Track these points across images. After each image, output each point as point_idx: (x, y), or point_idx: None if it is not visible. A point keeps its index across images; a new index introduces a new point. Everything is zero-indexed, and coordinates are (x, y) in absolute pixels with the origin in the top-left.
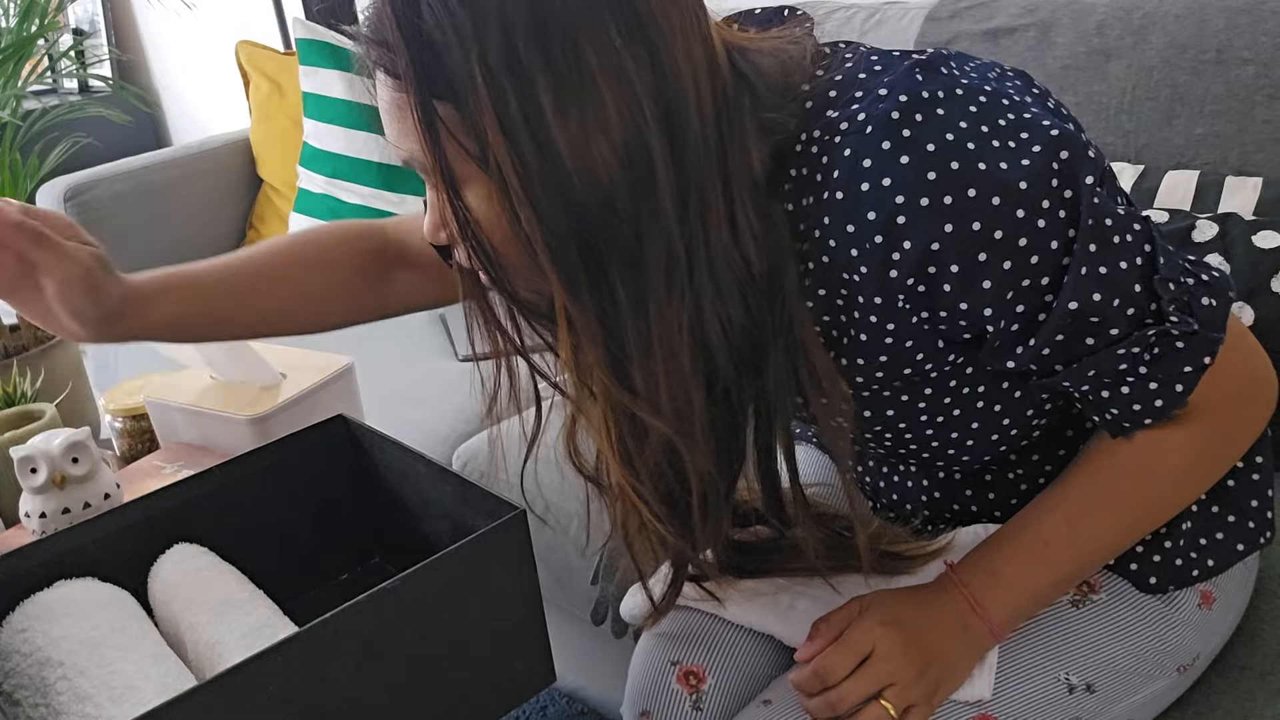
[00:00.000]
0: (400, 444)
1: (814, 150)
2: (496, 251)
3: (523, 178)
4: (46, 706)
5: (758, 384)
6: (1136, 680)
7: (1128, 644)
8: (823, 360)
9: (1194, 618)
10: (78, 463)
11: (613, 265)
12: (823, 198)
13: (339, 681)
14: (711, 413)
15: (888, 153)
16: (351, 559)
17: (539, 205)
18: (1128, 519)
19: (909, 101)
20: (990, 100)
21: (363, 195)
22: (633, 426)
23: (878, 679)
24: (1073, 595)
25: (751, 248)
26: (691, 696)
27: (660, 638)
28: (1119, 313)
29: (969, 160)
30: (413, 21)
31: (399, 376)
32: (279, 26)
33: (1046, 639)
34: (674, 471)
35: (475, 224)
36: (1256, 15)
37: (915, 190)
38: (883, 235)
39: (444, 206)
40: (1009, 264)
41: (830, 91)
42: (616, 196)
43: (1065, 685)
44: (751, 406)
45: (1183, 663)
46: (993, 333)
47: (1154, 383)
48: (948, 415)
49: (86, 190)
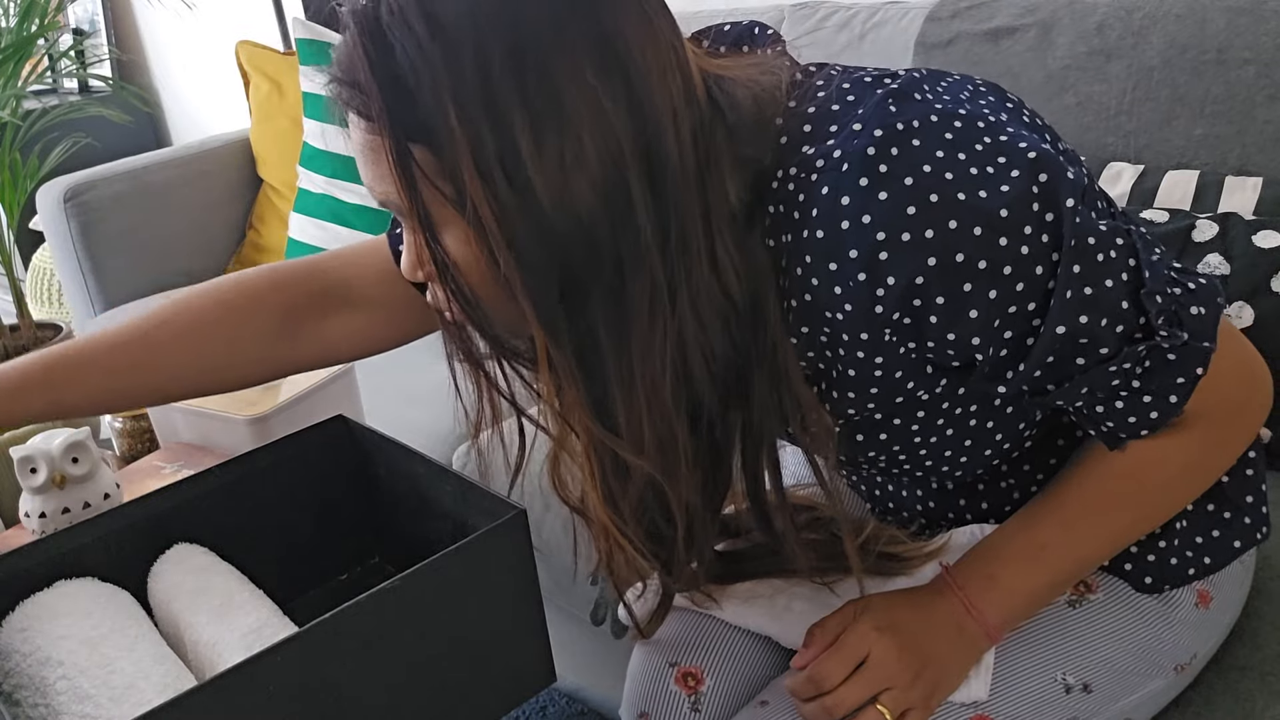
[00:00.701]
0: (400, 444)
1: (790, 188)
2: (475, 294)
3: (500, 220)
4: (46, 706)
5: (743, 413)
6: (1134, 680)
7: (1125, 643)
8: (806, 394)
9: (1191, 616)
10: (78, 463)
11: (594, 304)
12: (802, 236)
13: (339, 681)
14: (696, 445)
15: (865, 189)
16: (351, 559)
17: (517, 246)
18: (1123, 522)
19: (884, 135)
20: (965, 125)
21: (362, 195)
22: (616, 464)
23: (873, 683)
24: (1069, 595)
25: (733, 279)
26: (690, 698)
27: (659, 639)
28: (1108, 331)
29: (948, 191)
30: (385, 62)
31: (399, 376)
32: (279, 27)
33: (1043, 639)
34: (659, 506)
35: (454, 266)
36: (1257, 15)
37: (896, 226)
38: (866, 272)
39: (421, 248)
40: (994, 292)
41: (805, 126)
42: (596, 233)
43: (1062, 685)
44: (738, 434)
45: (1180, 662)
46: (982, 360)
47: (1148, 395)
48: (940, 435)
49: (86, 190)
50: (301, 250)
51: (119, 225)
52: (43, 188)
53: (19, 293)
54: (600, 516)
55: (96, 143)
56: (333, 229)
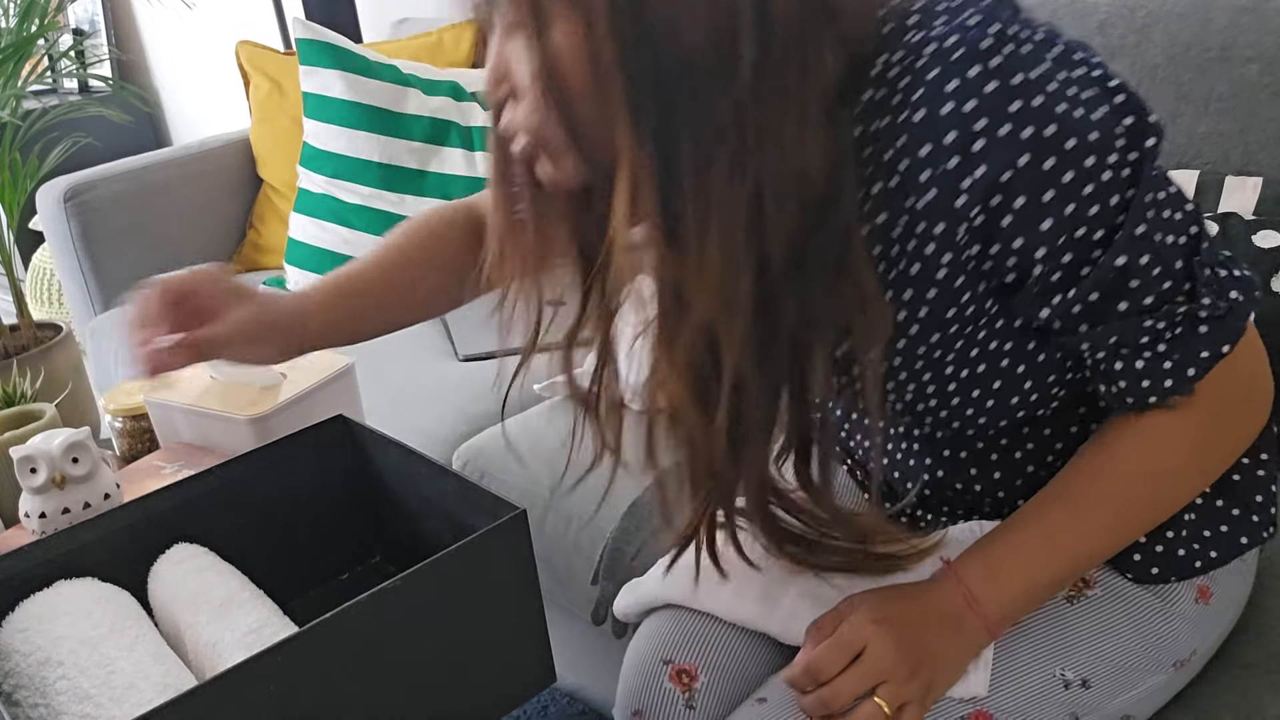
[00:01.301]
0: (400, 444)
1: (892, 73)
2: (568, 99)
3: (612, 17)
4: (46, 706)
5: (803, 289)
6: (1133, 675)
7: (1124, 639)
8: (869, 279)
9: (1190, 612)
10: (78, 463)
11: (683, 125)
12: (899, 119)
13: (339, 681)
14: (753, 309)
15: (974, 78)
16: (351, 559)
17: (624, 46)
18: (1130, 512)
19: (999, 32)
20: (1069, 50)
21: (363, 195)
22: (675, 303)
23: (870, 676)
24: (1067, 591)
25: (816, 149)
26: (684, 695)
27: (652, 637)
28: (1156, 282)
29: (1050, 100)
30: None
31: (399, 376)
32: (279, 26)
33: (1042, 634)
34: (712, 364)
35: (554, 66)
36: (1260, 14)
37: (997, 118)
38: (959, 157)
39: (506, 62)
40: (1071, 208)
41: (909, 18)
42: (699, 55)
43: (1061, 681)
44: (795, 311)
45: (1180, 658)
46: (1036, 277)
47: (1169, 361)
48: (972, 371)
49: (86, 190)
50: (302, 250)
51: (119, 225)
52: (43, 188)
53: (19, 292)
54: (656, 354)
55: (96, 143)
56: (333, 229)
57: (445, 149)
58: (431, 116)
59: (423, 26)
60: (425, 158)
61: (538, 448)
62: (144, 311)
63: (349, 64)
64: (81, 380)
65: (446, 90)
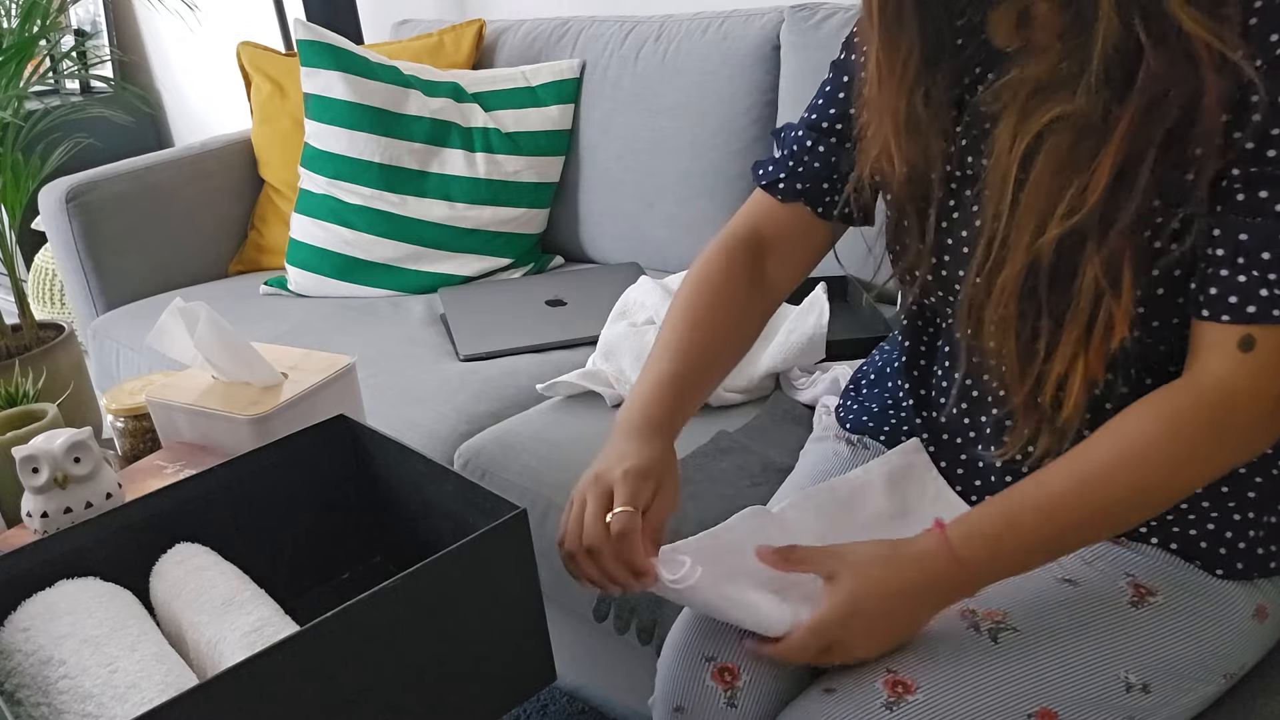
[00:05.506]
0: (400, 444)
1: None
2: None
3: None
4: (48, 705)
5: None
6: (1188, 683)
7: (1185, 647)
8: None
9: (1245, 626)
10: (79, 462)
11: None
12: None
13: (340, 680)
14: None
15: None
16: (351, 559)
17: None
18: (1136, 489)
19: None
20: None
21: (364, 196)
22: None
23: (835, 660)
24: (1131, 596)
25: None
26: (726, 694)
27: (694, 632)
28: None
29: None
30: None
31: (399, 376)
32: (280, 28)
33: (1110, 636)
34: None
35: None
36: None
37: None
38: None
39: None
40: None
41: None
42: None
43: (1124, 684)
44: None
45: (1229, 670)
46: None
47: (1269, 289)
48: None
49: (88, 191)
50: (304, 251)
51: (121, 226)
52: (45, 188)
53: (21, 293)
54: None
55: (98, 143)
56: (334, 229)
57: (446, 150)
58: (432, 118)
59: (424, 28)
60: (426, 159)
61: (540, 447)
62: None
63: (350, 65)
64: (83, 380)
65: (447, 91)
